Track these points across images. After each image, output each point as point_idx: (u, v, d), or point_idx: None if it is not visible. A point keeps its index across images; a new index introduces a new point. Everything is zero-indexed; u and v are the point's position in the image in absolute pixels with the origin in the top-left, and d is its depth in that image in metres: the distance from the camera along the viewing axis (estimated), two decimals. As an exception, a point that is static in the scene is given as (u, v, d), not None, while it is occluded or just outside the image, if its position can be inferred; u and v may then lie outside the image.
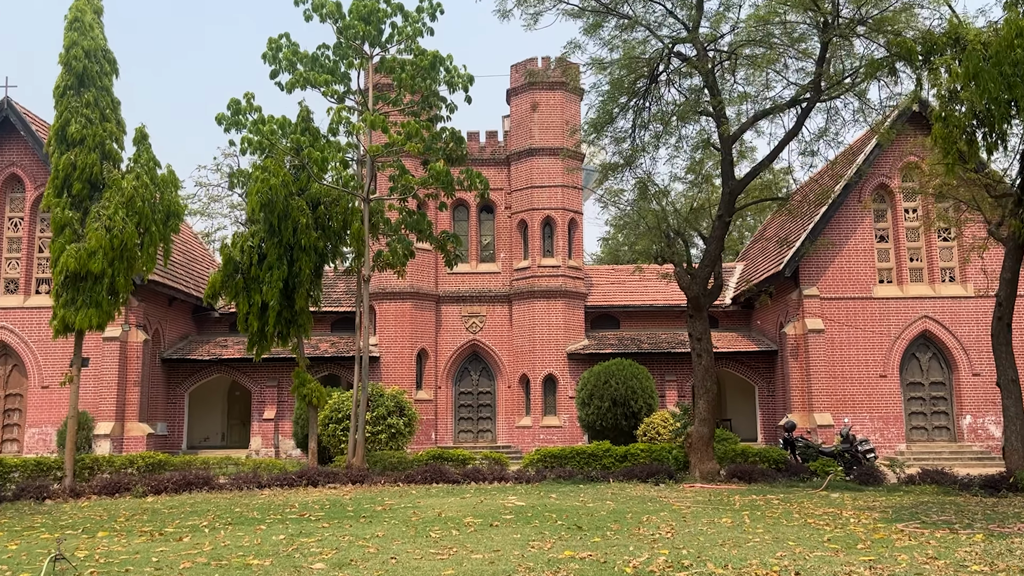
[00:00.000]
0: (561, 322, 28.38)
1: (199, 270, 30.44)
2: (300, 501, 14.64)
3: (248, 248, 18.58)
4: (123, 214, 16.96)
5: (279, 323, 18.68)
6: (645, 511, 12.43)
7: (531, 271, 28.79)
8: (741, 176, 17.28)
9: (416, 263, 28.68)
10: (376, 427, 21.55)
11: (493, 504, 13.62)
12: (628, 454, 18.40)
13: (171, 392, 27.81)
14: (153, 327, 26.59)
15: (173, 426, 27.67)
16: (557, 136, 29.17)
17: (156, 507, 14.13)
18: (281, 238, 18.23)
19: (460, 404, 29.32)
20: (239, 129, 18.42)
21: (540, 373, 28.07)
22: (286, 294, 18.78)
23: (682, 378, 28.16)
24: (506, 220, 29.90)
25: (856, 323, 25.14)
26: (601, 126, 17.95)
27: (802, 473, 17.10)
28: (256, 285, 18.44)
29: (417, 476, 18.00)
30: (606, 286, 31.29)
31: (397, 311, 28.38)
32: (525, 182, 29.29)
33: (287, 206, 18.08)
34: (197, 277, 29.45)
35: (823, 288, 25.27)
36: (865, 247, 25.63)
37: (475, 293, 29.33)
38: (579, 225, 29.63)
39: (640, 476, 17.46)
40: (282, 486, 17.38)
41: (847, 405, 24.67)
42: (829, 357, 24.81)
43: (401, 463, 18.99)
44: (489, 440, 29.02)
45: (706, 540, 9.45)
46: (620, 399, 23.65)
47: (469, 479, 17.93)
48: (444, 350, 29.05)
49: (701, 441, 17.04)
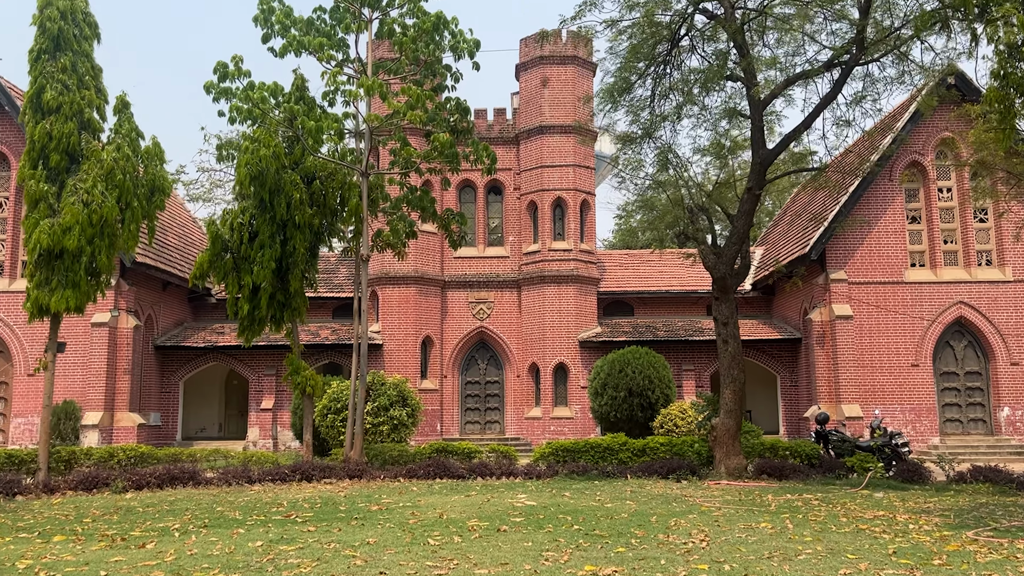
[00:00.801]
0: (573, 308, 27.03)
1: (195, 254, 29.20)
2: (290, 499, 13.37)
3: (238, 225, 17.29)
4: (102, 188, 15.68)
5: (272, 306, 17.40)
6: (671, 513, 11.10)
7: (541, 255, 27.43)
8: (772, 145, 15.82)
9: (420, 246, 27.39)
10: (377, 418, 20.29)
11: (501, 504, 12.31)
12: (647, 448, 17.08)
13: (165, 381, 26.61)
14: (145, 313, 25.37)
15: (167, 416, 26.48)
16: (569, 113, 27.75)
17: (132, 505, 12.89)
18: (273, 214, 16.93)
19: (467, 394, 28.05)
20: (228, 98, 17.08)
21: (551, 362, 26.75)
22: (279, 275, 17.50)
23: (700, 367, 26.80)
24: (515, 202, 28.53)
25: (886, 309, 23.70)
26: (619, 93, 16.55)
27: (838, 469, 15.73)
28: (247, 265, 17.16)
29: (419, 471, 16.73)
30: (619, 271, 29.92)
31: (400, 297, 27.08)
32: (535, 161, 27.90)
33: (279, 180, 16.77)
34: (193, 261, 28.16)
35: (851, 272, 23.83)
36: (896, 228, 24.16)
37: (482, 278, 28.00)
38: (591, 207, 28.23)
39: (660, 472, 16.15)
40: (274, 481, 16.15)
41: (876, 396, 23.26)
42: (857, 345, 23.39)
43: (402, 456, 17.72)
44: (497, 432, 27.75)
45: (749, 551, 8.11)
46: (636, 389, 22.33)
47: (475, 474, 16.65)
48: (450, 338, 27.76)
49: (727, 434, 15.69)
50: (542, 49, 27.76)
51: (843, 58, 15.32)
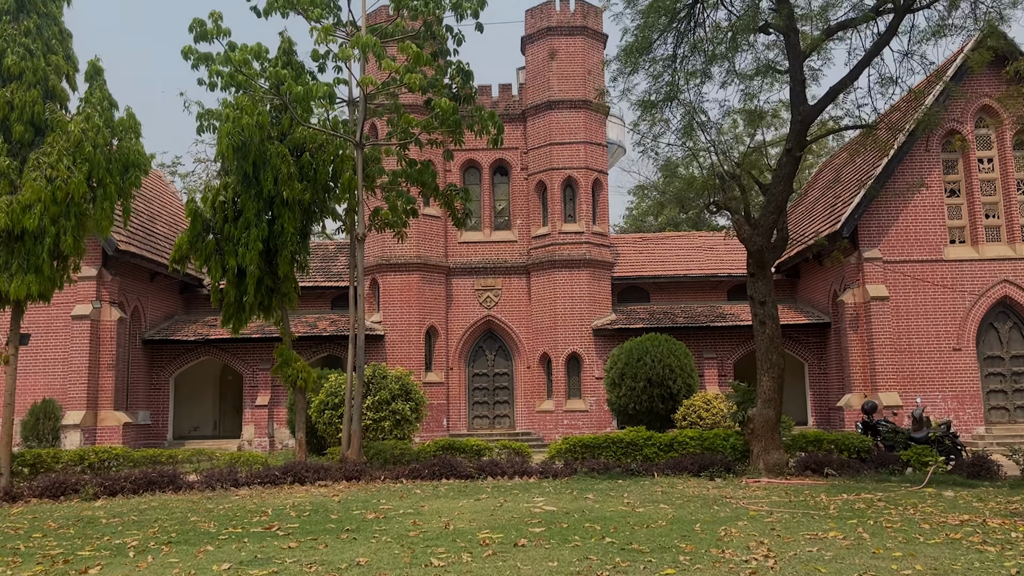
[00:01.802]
0: (585, 294, 25.40)
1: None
2: (277, 505, 11.81)
3: (220, 204, 15.71)
4: (68, 162, 14.10)
5: (259, 292, 15.82)
6: (716, 519, 9.50)
7: (551, 238, 25.80)
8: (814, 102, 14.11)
9: (423, 231, 25.80)
10: (379, 413, 18.75)
11: (516, 509, 10.73)
12: (675, 442, 15.46)
13: (154, 377, 25.09)
14: (132, 305, 23.83)
15: (157, 415, 24.96)
16: (578, 87, 26.08)
17: (97, 515, 11.34)
18: (259, 190, 15.33)
19: (474, 387, 26.46)
20: (208, 64, 15.47)
21: (563, 351, 25.15)
22: (267, 258, 15.92)
23: (723, 355, 25.17)
24: (522, 182, 26.89)
25: (924, 289, 22.02)
26: (638, 52, 14.89)
27: (891, 464, 14.09)
28: (231, 247, 15.57)
29: (423, 471, 15.17)
30: (633, 255, 28.28)
31: (403, 284, 25.50)
32: (543, 139, 26.25)
33: (264, 152, 15.17)
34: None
35: (886, 250, 22.14)
36: (933, 203, 22.45)
37: (489, 264, 26.39)
38: (604, 186, 26.57)
39: (690, 469, 14.54)
40: (263, 484, 14.60)
41: (915, 383, 21.59)
42: (894, 328, 21.71)
43: (405, 455, 16.16)
44: (507, 426, 26.17)
45: (830, 572, 6.51)
46: (656, 379, 20.70)
47: (485, 473, 15.08)
48: (456, 327, 26.17)
49: (766, 426, 14.08)
50: (549, 19, 26.10)
51: (888, 3, 13.66)
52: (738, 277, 26.89)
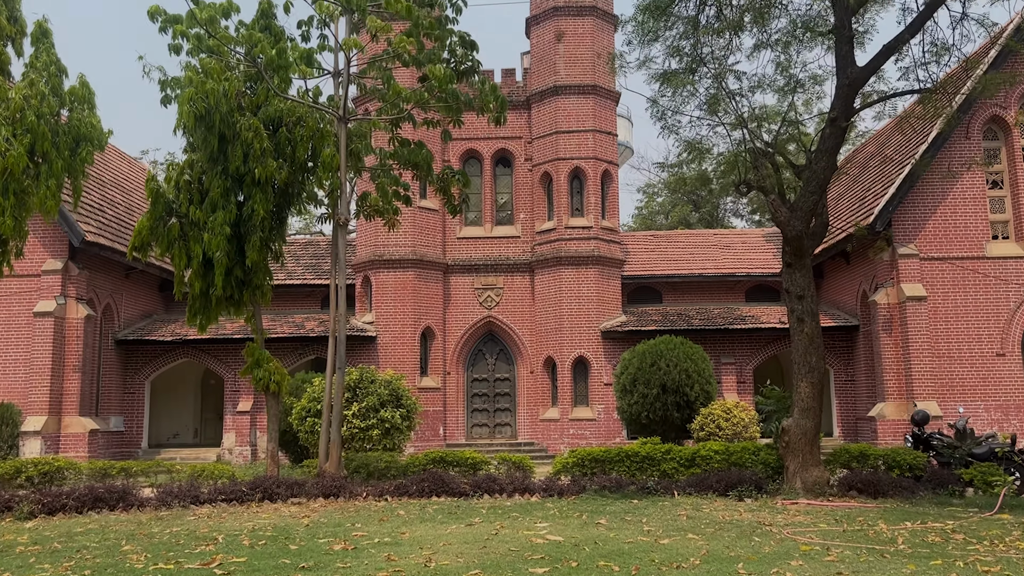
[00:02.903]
0: (594, 294, 23.57)
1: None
2: (232, 530, 10.00)
3: (185, 183, 13.93)
4: (7, 133, 12.34)
5: (228, 284, 14.03)
6: (760, 556, 7.66)
7: (557, 233, 23.99)
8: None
9: (419, 224, 24.02)
10: (366, 421, 16.92)
11: (514, 539, 8.90)
12: (697, 457, 13.59)
13: (128, 381, 23.29)
14: (103, 301, 22.05)
15: (132, 421, 23.15)
16: (587, 71, 24.30)
17: (17, 541, 9.54)
18: (226, 167, 13.55)
19: (473, 393, 24.62)
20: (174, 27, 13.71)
21: (569, 355, 23.30)
22: (238, 246, 14.14)
23: (741, 361, 23.30)
24: (526, 174, 25.10)
25: (965, 289, 20.16)
26: (659, 13, 13.09)
27: (949, 483, 12.21)
28: (196, 232, 13.80)
29: (411, 487, 13.35)
30: (644, 254, 26.44)
31: (397, 282, 23.69)
32: (549, 127, 24.46)
33: (233, 124, 13.40)
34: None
35: (923, 246, 20.27)
36: (974, 195, 20.59)
37: (490, 261, 24.58)
38: (614, 178, 24.76)
39: (716, 487, 12.70)
40: (228, 501, 12.80)
41: (955, 391, 19.70)
42: (931, 332, 19.83)
43: (391, 468, 14.33)
44: (508, 436, 24.32)
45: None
46: (672, 385, 18.86)
47: (481, 491, 13.26)
48: (454, 329, 24.34)
49: (803, 439, 12.22)
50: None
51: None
52: (757, 277, 25.08)
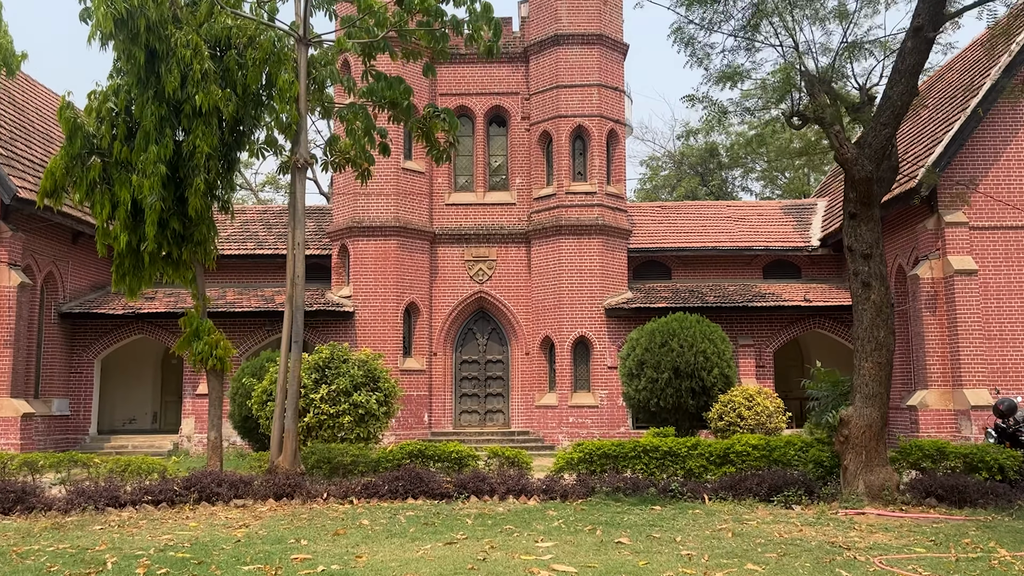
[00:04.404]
0: (597, 267, 21.14)
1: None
2: (137, 548, 7.58)
3: (108, 113, 11.43)
4: None
5: (163, 238, 11.56)
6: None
7: (557, 199, 21.51)
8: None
9: (403, 188, 21.53)
10: (337, 406, 14.56)
11: (509, 567, 6.51)
12: (730, 453, 11.18)
13: (75, 359, 20.80)
14: (44, 269, 19.53)
15: (78, 404, 20.69)
16: (592, 18, 21.78)
17: None
18: (160, 92, 11.05)
19: (462, 376, 22.19)
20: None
21: (569, 335, 20.89)
22: (176, 193, 11.66)
23: (761, 342, 20.97)
24: (523, 134, 22.58)
25: (1019, 262, 17.81)
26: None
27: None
28: (124, 175, 11.30)
29: (383, 486, 11.00)
30: (652, 226, 24.00)
31: (377, 252, 21.20)
32: (549, 81, 21.94)
33: (167, 39, 10.87)
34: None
35: (972, 213, 17.90)
36: (1031, 156, 18.20)
37: (482, 230, 22.10)
38: (620, 139, 22.28)
39: (756, 491, 10.35)
40: (155, 503, 10.42)
41: (1008, 379, 17.37)
42: (983, 310, 17.49)
43: (359, 462, 11.90)
44: (500, 424, 21.94)
45: None
46: (686, 368, 16.54)
47: (467, 492, 10.91)
48: (441, 305, 21.89)
49: (868, 432, 9.85)
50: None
51: None
52: (776, 251, 22.70)
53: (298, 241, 11.67)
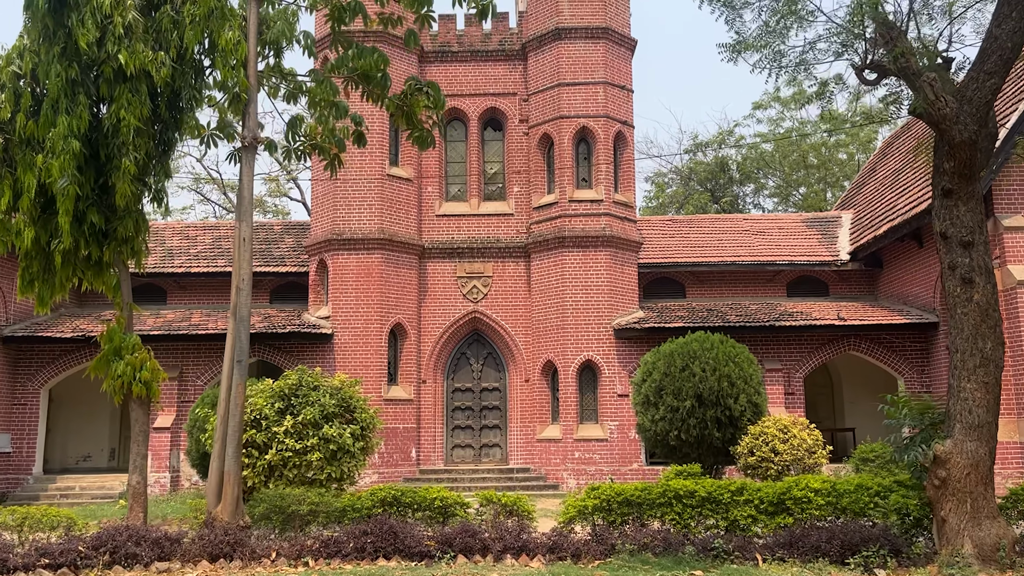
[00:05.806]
0: (604, 282, 18.94)
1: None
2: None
3: (12, 79, 9.28)
4: None
5: (79, 231, 9.36)
6: None
7: (559, 209, 19.38)
8: None
9: (388, 197, 19.42)
10: (303, 442, 12.38)
11: None
12: (786, 499, 8.88)
13: (19, 388, 18.51)
14: (-18, 286, 17.36)
15: (21, 439, 18.34)
16: (597, 10, 19.83)
17: None
18: (69, 46, 8.92)
19: (455, 406, 19.87)
20: None
21: (573, 359, 18.61)
22: (97, 178, 9.50)
23: (790, 366, 18.72)
24: (521, 138, 20.52)
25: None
26: None
27: None
28: (28, 154, 9.14)
29: (347, 543, 8.70)
30: (663, 241, 21.83)
31: (359, 267, 19.00)
32: (550, 79, 19.92)
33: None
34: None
35: (1032, 218, 15.77)
36: (1095, 154, 16.11)
37: (476, 243, 19.92)
38: (629, 142, 20.21)
39: (824, 550, 8.06)
40: (53, 567, 8.13)
41: (1079, 405, 15.13)
42: (1046, 328, 15.30)
43: (321, 511, 9.57)
44: (498, 459, 19.58)
45: None
46: (710, 395, 14.32)
47: (453, 550, 8.58)
48: (431, 327, 19.63)
49: (973, 474, 7.60)
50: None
51: None
52: (802, 266, 20.50)
53: (244, 236, 9.49)
